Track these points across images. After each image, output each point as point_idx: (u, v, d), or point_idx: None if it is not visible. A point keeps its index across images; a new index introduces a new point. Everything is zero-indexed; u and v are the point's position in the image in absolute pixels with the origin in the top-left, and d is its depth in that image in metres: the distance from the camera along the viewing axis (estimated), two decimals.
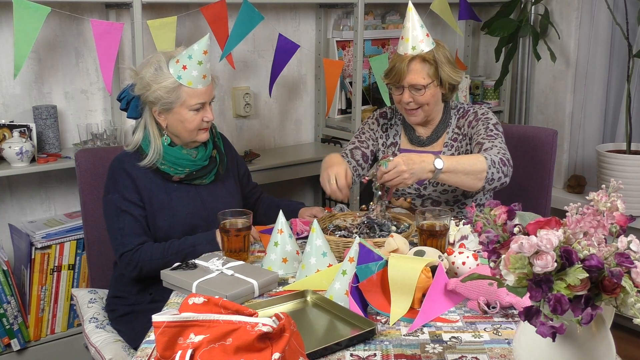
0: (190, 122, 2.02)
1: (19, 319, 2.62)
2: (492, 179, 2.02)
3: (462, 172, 1.99)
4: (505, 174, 2.04)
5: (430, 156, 1.97)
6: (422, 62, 2.17)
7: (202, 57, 1.99)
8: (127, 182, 2.02)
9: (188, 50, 1.99)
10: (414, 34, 2.17)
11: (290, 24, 3.38)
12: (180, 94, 2.00)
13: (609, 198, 1.10)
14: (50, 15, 2.38)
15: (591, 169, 3.75)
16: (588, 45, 3.71)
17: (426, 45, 2.17)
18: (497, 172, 2.01)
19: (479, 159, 2.01)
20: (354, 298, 1.52)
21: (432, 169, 1.95)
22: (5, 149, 2.52)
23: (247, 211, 1.92)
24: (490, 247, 1.13)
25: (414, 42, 2.17)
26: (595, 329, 1.11)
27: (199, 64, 1.98)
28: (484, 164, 2.00)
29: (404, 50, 2.19)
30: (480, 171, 2.00)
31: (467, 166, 1.99)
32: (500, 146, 2.10)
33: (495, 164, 2.01)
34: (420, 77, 2.17)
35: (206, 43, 2.00)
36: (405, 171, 1.92)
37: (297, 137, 3.56)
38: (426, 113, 2.24)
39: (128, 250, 1.99)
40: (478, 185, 2.02)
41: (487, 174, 2.00)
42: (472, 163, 2.00)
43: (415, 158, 1.96)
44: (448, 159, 1.98)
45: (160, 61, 2.01)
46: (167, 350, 1.11)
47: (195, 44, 1.99)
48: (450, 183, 2.03)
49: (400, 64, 2.17)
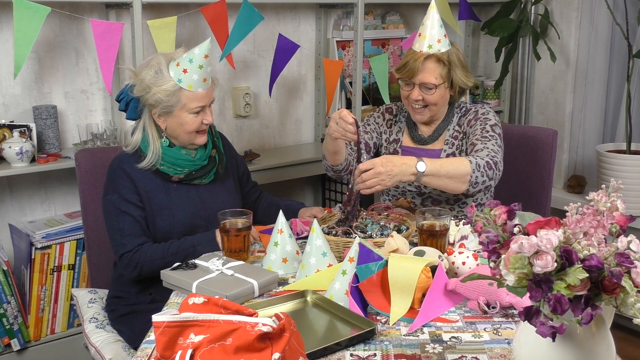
0: (190, 125, 2.02)
1: (19, 319, 2.62)
2: (476, 182, 2.02)
3: (445, 176, 1.99)
4: (490, 177, 2.04)
5: (412, 159, 1.96)
6: (436, 62, 2.17)
7: (203, 61, 1.98)
8: (126, 182, 2.02)
9: (189, 54, 1.98)
10: (432, 32, 2.16)
11: (290, 24, 3.38)
12: (180, 97, 1.99)
13: (609, 198, 1.10)
14: (50, 15, 2.38)
15: (591, 169, 3.75)
16: (588, 45, 3.71)
17: (442, 46, 2.17)
18: (481, 175, 2.02)
19: (463, 162, 2.01)
20: (354, 298, 1.52)
21: (414, 172, 1.95)
22: (5, 149, 2.52)
23: (247, 211, 1.92)
24: (490, 247, 1.13)
25: (430, 41, 2.16)
26: (595, 329, 1.11)
27: (199, 67, 1.98)
28: (468, 168, 2.00)
29: (419, 48, 2.18)
30: (464, 174, 2.00)
31: (450, 170, 1.99)
32: (491, 148, 2.10)
33: (480, 168, 2.02)
34: (432, 76, 2.16)
35: (207, 47, 1.99)
36: (382, 173, 1.90)
37: (297, 137, 3.56)
38: (432, 113, 2.24)
39: (128, 251, 1.98)
40: (462, 188, 2.03)
41: (472, 178, 2.01)
42: (456, 167, 2.00)
43: (396, 160, 1.94)
44: (431, 162, 1.97)
45: (160, 64, 2.00)
46: (167, 350, 1.11)
47: (197, 48, 1.98)
48: (433, 186, 2.04)
49: (414, 62, 2.16)
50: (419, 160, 1.96)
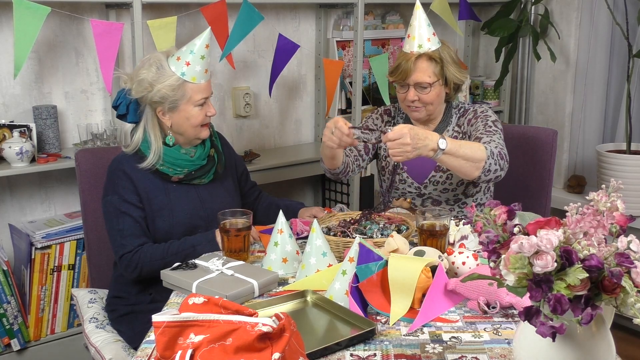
0: (196, 118, 2.04)
1: (19, 319, 2.62)
2: (489, 169, 2.02)
3: (463, 157, 1.98)
4: (501, 167, 2.05)
5: (435, 134, 1.95)
6: (428, 60, 2.17)
7: (205, 52, 2.01)
8: (126, 183, 2.02)
9: (189, 46, 2.00)
10: (421, 32, 2.17)
11: (290, 24, 3.38)
12: (185, 90, 2.00)
13: (609, 198, 1.10)
14: (50, 15, 2.38)
15: (591, 169, 3.75)
16: (588, 45, 3.71)
17: (432, 44, 2.17)
18: (494, 163, 2.02)
19: (480, 147, 2.02)
20: (354, 298, 1.52)
21: (435, 148, 1.93)
22: (5, 149, 2.52)
23: (247, 211, 1.92)
24: (490, 247, 1.13)
25: (420, 41, 2.17)
26: (595, 329, 1.11)
27: (201, 58, 2.00)
28: (484, 153, 2.00)
29: (410, 49, 2.19)
30: (480, 159, 2.00)
31: (468, 152, 1.99)
32: (498, 141, 2.11)
33: (494, 155, 2.02)
34: (426, 75, 2.17)
35: (207, 37, 2.01)
36: (409, 144, 1.88)
37: (297, 137, 3.56)
38: (429, 112, 2.24)
39: (128, 251, 1.99)
40: (475, 174, 2.02)
41: (486, 164, 2.01)
42: (474, 150, 2.00)
43: (421, 134, 1.92)
44: (451, 141, 1.97)
45: (160, 60, 2.01)
46: (167, 350, 1.11)
47: (197, 39, 2.01)
48: (448, 166, 2.02)
49: (406, 62, 2.17)
50: (440, 137, 1.95)
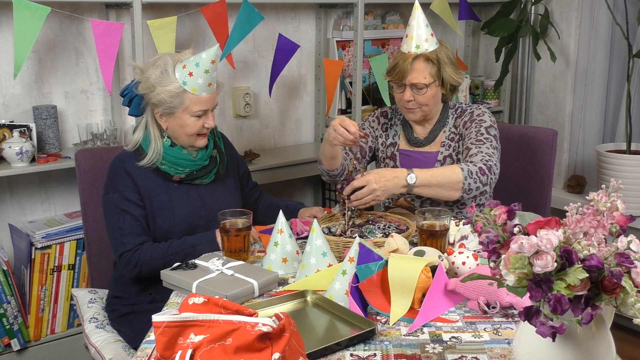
0: (191, 128, 2.02)
1: (19, 319, 2.62)
2: (469, 189, 2.04)
3: (437, 185, 2.02)
4: (484, 183, 2.05)
5: (403, 171, 2.00)
6: (425, 61, 2.17)
7: (209, 66, 1.98)
8: (127, 181, 2.02)
9: (196, 57, 1.98)
10: (419, 32, 2.17)
11: (290, 24, 3.38)
12: (183, 99, 1.99)
13: (609, 198, 1.10)
14: (50, 15, 2.38)
15: (591, 169, 3.75)
16: (588, 45, 3.71)
17: (430, 45, 2.17)
18: (474, 182, 2.03)
19: (455, 170, 2.03)
20: (354, 298, 1.52)
21: (405, 184, 1.99)
22: (5, 149, 2.52)
23: (247, 211, 1.92)
24: (490, 247, 1.13)
25: (418, 41, 2.17)
26: (595, 329, 1.11)
27: (205, 72, 1.98)
28: (460, 176, 2.02)
29: (407, 49, 2.19)
30: (456, 182, 2.02)
31: (441, 179, 2.01)
32: (486, 152, 2.11)
33: (472, 175, 2.03)
34: (422, 76, 2.17)
35: (215, 53, 1.99)
36: (376, 189, 1.95)
37: (297, 137, 3.56)
38: (424, 112, 2.24)
39: (128, 250, 1.98)
40: (455, 196, 2.05)
41: (464, 185, 2.03)
42: (447, 176, 2.02)
43: (387, 174, 1.98)
44: (422, 173, 2.00)
45: (167, 64, 2.00)
46: (167, 350, 1.11)
47: (204, 52, 1.98)
48: (426, 195, 2.06)
49: (403, 62, 2.17)
50: (409, 172, 1.99)
